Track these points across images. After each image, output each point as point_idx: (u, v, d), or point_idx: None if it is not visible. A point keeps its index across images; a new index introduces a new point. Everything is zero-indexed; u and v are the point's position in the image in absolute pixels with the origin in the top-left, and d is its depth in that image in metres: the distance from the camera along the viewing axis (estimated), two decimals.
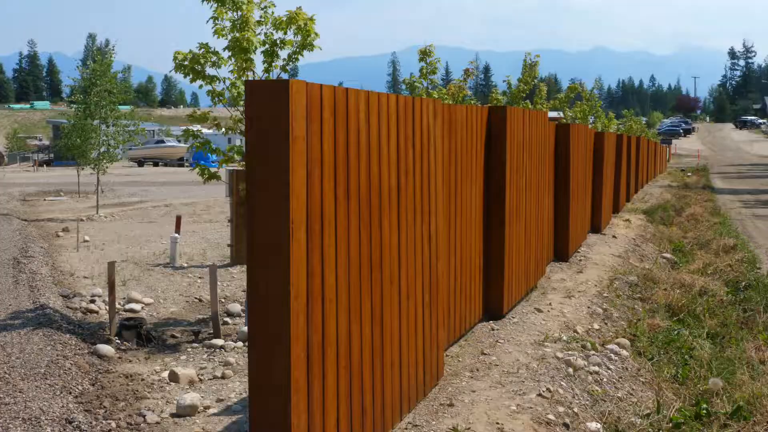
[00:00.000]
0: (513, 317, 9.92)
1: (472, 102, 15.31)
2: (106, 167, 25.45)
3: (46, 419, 6.76)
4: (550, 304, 10.76)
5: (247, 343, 8.92)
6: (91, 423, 6.75)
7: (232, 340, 9.31)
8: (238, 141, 36.29)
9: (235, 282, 12.79)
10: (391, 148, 6.09)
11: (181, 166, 63.14)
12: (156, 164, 66.66)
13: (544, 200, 12.25)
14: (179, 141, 67.71)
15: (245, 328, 9.28)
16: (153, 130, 73.74)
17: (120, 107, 25.37)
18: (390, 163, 6.07)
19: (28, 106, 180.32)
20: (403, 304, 6.39)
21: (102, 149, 24.82)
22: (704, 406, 7.69)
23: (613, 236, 18.29)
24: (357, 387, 5.56)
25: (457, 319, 8.55)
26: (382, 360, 5.99)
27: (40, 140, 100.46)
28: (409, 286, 6.53)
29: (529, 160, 10.90)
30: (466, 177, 8.69)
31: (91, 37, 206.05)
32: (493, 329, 9.33)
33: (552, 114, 22.30)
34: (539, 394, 7.17)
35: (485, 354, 8.35)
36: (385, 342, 6.05)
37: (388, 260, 6.06)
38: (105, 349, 8.84)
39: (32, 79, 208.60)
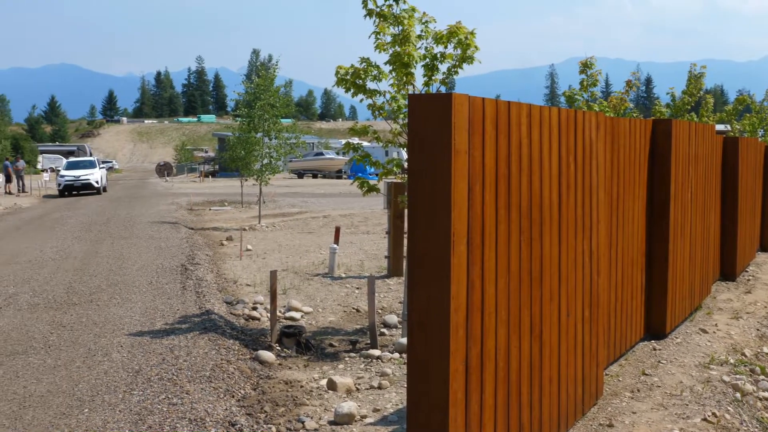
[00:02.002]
0: (676, 337, 9.59)
1: (634, 115, 14.92)
2: (268, 178, 26.19)
3: (210, 421, 7.00)
4: (716, 324, 10.34)
5: (404, 355, 9.00)
6: (252, 426, 6.94)
7: (389, 351, 9.38)
8: (395, 154, 36.69)
9: (392, 293, 12.90)
10: (552, 161, 6.01)
11: (339, 178, 64.34)
12: (315, 176, 68.17)
13: (709, 216, 11.80)
14: (338, 153, 69.06)
15: (402, 340, 9.34)
16: (312, 143, 75.51)
17: (282, 120, 26.08)
18: (551, 176, 5.99)
19: (195, 119, 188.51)
20: (562, 319, 6.28)
21: (265, 161, 25.55)
22: None
23: None
24: (515, 402, 5.50)
25: (618, 337, 8.33)
26: (540, 376, 5.90)
27: (206, 152, 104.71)
28: (569, 302, 6.41)
29: (694, 175, 10.53)
30: (628, 191, 8.48)
31: (255, 53, 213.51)
32: (654, 349, 9.04)
33: (719, 127, 21.45)
34: (704, 419, 6.88)
35: (647, 374, 8.10)
36: (544, 358, 5.96)
37: (548, 275, 5.97)
38: (266, 355, 9.08)
39: (199, 93, 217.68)
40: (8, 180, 46.46)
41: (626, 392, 7.55)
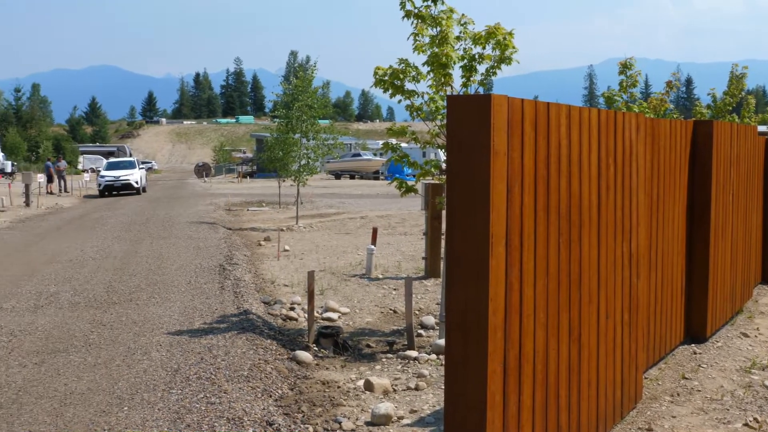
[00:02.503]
0: (717, 341, 9.48)
1: (675, 116, 14.78)
2: (306, 179, 26.27)
3: (248, 420, 7.04)
4: (757, 329, 10.20)
5: (441, 356, 8.99)
6: (290, 426, 6.96)
7: (426, 352, 9.37)
8: (433, 155, 36.65)
9: (429, 294, 12.89)
10: (592, 163, 5.97)
11: (377, 179, 64.40)
12: (352, 177, 68.30)
13: (751, 219, 11.66)
14: (375, 154, 69.15)
15: (439, 341, 9.33)
16: (350, 144, 75.69)
17: (319, 121, 26.16)
18: (591, 178, 5.95)
19: (233, 120, 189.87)
20: (601, 322, 6.24)
21: (302, 162, 25.64)
22: None
23: None
24: (553, 405, 5.47)
25: (657, 340, 8.26)
26: (579, 378, 5.86)
27: (244, 153, 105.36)
28: (608, 305, 6.37)
29: (736, 176, 10.41)
30: (668, 193, 8.40)
31: (293, 54, 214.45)
32: (695, 353, 8.95)
33: (761, 128, 21.14)
34: (745, 424, 6.80)
35: (686, 378, 8.02)
36: (583, 360, 5.92)
37: (587, 277, 5.93)
38: (303, 355, 9.11)
39: (238, 94, 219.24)
40: (50, 180, 47.06)
41: (666, 396, 7.47)
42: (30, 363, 8.87)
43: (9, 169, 67.38)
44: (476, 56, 9.16)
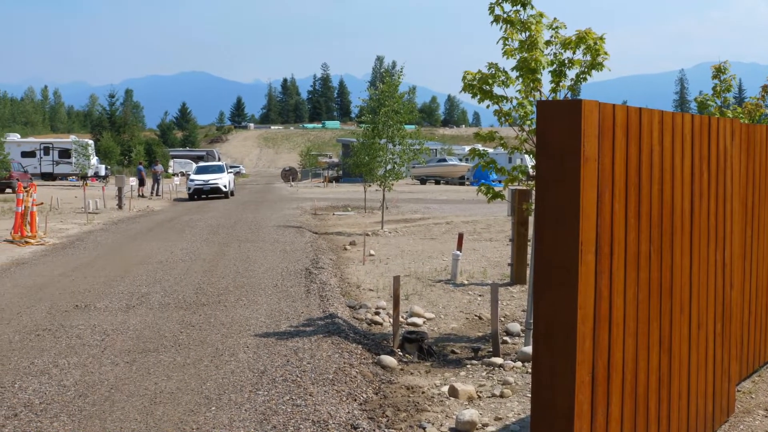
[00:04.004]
0: None
1: None
2: (392, 184, 26.34)
3: (333, 423, 7.08)
4: None
5: (526, 364, 8.91)
6: (374, 430, 6.97)
7: (512, 360, 9.30)
8: (519, 160, 36.39)
9: (515, 301, 12.79)
10: (684, 169, 5.84)
11: (462, 184, 64.24)
12: (437, 182, 68.25)
13: None
14: (461, 160, 68.98)
15: (525, 348, 9.25)
16: (435, 149, 75.67)
17: (405, 126, 26.21)
18: (683, 185, 5.83)
19: (319, 125, 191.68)
20: (693, 332, 6.10)
21: (388, 167, 25.72)
22: None
23: None
24: (642, 416, 5.36)
25: (751, 351, 8.03)
26: (669, 390, 5.74)
27: (330, 158, 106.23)
28: (700, 315, 6.22)
29: None
30: (764, 201, 8.17)
31: (379, 60, 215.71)
32: None
33: None
34: None
35: None
36: (673, 371, 5.80)
37: (679, 286, 5.81)
38: (388, 360, 9.13)
39: (324, 100, 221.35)
40: (141, 183, 48.24)
41: (759, 410, 7.27)
42: (122, 362, 9.09)
43: (103, 173, 69.25)
44: (566, 61, 9.07)
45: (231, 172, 51.31)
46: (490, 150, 45.61)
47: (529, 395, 7.04)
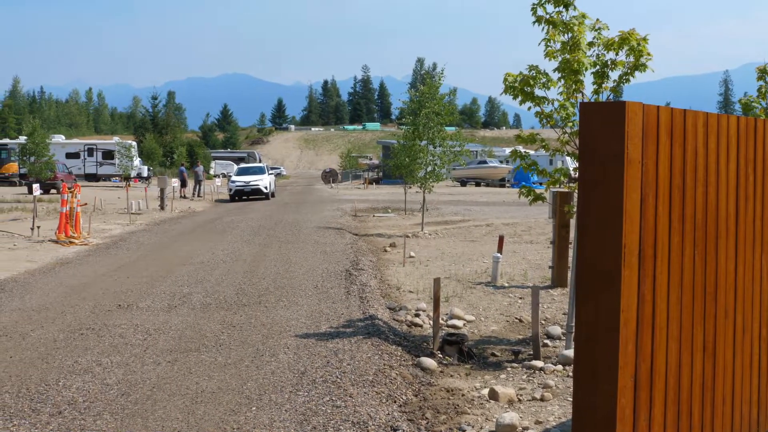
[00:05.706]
0: None
1: None
2: (432, 186, 26.31)
3: (372, 425, 7.08)
4: None
5: (567, 367, 8.85)
6: None
7: (552, 363, 9.24)
8: (560, 162, 36.18)
9: (555, 304, 12.72)
10: (730, 172, 5.77)
11: (502, 186, 64.01)
12: (478, 184, 68.07)
13: None
14: (501, 162, 68.76)
15: (566, 352, 9.19)
16: (476, 151, 75.48)
17: (446, 128, 26.18)
18: (728, 188, 5.75)
19: (360, 127, 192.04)
20: (737, 337, 6.01)
21: (428, 169, 25.70)
22: None
23: None
24: (685, 421, 5.30)
25: None
26: (713, 395, 5.66)
27: (370, 159, 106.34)
28: (745, 319, 6.13)
29: None
30: None
31: (420, 61, 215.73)
32: None
33: None
34: None
35: None
36: (717, 376, 5.72)
37: (723, 291, 5.73)
38: (428, 362, 9.12)
39: (364, 101, 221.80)
40: (183, 184, 48.65)
41: None
42: (164, 361, 9.17)
43: (145, 174, 69.95)
44: (609, 62, 9.00)
45: (272, 174, 51.57)
46: (531, 152, 45.48)
47: (570, 399, 7.00)
